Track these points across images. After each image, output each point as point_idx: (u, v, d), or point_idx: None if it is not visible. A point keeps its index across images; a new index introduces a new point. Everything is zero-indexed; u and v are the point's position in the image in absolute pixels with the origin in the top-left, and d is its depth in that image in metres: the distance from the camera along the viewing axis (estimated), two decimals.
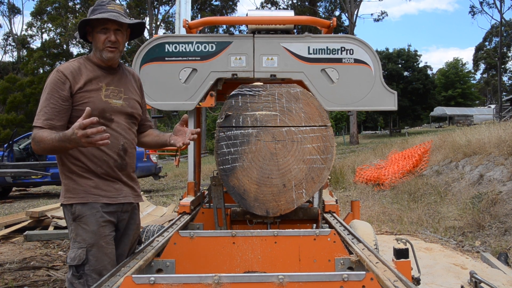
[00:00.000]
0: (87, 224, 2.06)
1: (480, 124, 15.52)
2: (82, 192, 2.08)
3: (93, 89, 2.12)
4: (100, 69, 2.19)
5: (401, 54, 43.18)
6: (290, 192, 2.58)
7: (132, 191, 2.27)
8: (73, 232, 2.08)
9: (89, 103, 2.07)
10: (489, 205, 6.22)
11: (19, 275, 4.42)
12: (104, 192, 2.11)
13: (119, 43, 2.18)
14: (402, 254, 1.97)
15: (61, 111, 2.06)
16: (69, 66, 2.12)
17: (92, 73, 2.15)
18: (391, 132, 42.33)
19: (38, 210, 6.72)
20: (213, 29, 32.17)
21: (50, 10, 36.10)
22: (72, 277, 2.03)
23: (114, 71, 2.24)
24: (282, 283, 1.64)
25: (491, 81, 62.39)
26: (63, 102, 2.06)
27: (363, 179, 10.33)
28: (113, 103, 2.17)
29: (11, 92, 32.79)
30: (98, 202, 2.09)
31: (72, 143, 1.86)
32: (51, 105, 2.04)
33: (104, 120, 2.11)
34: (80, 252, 2.02)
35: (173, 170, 16.95)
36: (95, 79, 2.15)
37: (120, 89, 2.23)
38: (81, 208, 2.06)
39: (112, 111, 2.16)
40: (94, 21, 2.13)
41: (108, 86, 2.17)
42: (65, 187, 2.13)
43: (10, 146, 11.08)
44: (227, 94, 2.76)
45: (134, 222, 2.31)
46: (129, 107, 2.25)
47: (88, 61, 2.19)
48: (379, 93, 3.40)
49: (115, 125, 2.17)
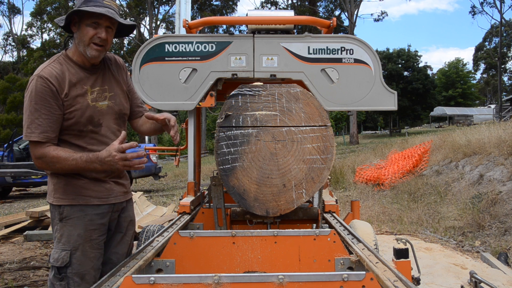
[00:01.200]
0: (73, 227, 2.00)
1: (480, 124, 15.52)
2: (71, 194, 2.01)
3: (78, 94, 1.99)
4: (83, 70, 2.05)
5: (401, 54, 43.21)
6: (290, 192, 2.58)
7: (123, 188, 2.21)
8: (58, 232, 2.01)
9: (77, 110, 1.98)
10: (489, 205, 6.22)
11: (19, 275, 4.42)
12: (95, 192, 2.06)
13: (107, 42, 2.05)
14: (402, 254, 1.97)
15: (54, 122, 1.93)
16: (52, 71, 1.96)
17: (75, 76, 2.01)
18: (391, 132, 42.35)
19: (38, 210, 6.72)
20: (213, 29, 32.19)
21: (50, 10, 36.11)
22: (54, 278, 1.99)
23: (96, 69, 2.11)
24: (282, 283, 1.64)
25: (491, 81, 62.39)
26: (55, 111, 1.92)
27: (363, 179, 10.32)
28: (100, 106, 2.06)
29: (11, 92, 32.77)
30: (89, 204, 2.03)
31: (104, 165, 1.86)
32: (44, 116, 1.90)
33: (92, 126, 2.03)
34: (63, 254, 1.97)
35: (173, 170, 16.96)
36: (79, 83, 2.01)
37: (105, 88, 2.11)
38: (70, 210, 2.00)
39: (100, 115, 2.06)
40: (86, 13, 1.97)
41: (93, 88, 2.06)
42: (53, 186, 2.04)
43: (10, 146, 11.09)
44: (227, 94, 2.75)
45: (126, 220, 2.27)
46: (116, 105, 2.15)
47: (69, 61, 2.04)
48: (379, 93, 3.39)
49: (104, 130, 2.08)
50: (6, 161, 10.77)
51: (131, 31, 2.29)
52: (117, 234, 2.22)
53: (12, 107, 31.90)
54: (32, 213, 6.57)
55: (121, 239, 2.24)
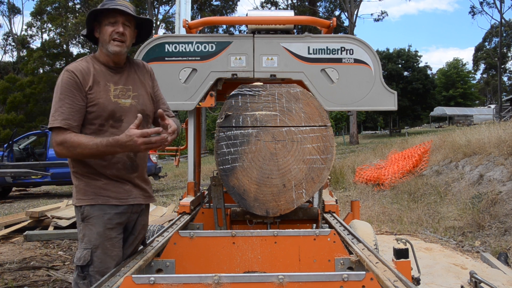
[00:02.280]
0: (93, 225, 2.06)
1: (480, 124, 15.52)
2: (91, 194, 2.08)
3: (101, 90, 2.09)
4: (108, 69, 2.16)
5: (401, 54, 43.20)
6: (290, 192, 2.58)
7: (143, 192, 2.25)
8: (81, 232, 2.09)
9: (99, 104, 2.06)
10: (489, 205, 6.22)
11: (19, 275, 4.42)
12: (114, 193, 2.11)
13: (127, 37, 2.13)
14: (402, 254, 1.98)
15: (77, 111, 2.02)
16: (78, 65, 2.09)
17: (99, 73, 2.12)
18: (391, 132, 42.34)
19: (38, 210, 6.72)
20: (213, 29, 32.18)
21: (50, 10, 36.07)
22: (77, 277, 2.04)
23: (121, 69, 2.21)
24: (282, 283, 1.64)
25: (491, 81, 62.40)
26: (78, 102, 2.03)
27: (363, 179, 10.33)
28: (122, 103, 2.14)
29: (11, 92, 32.78)
30: (107, 204, 2.09)
31: (126, 148, 1.96)
32: (67, 105, 2.01)
33: (113, 121, 2.10)
34: (85, 253, 2.03)
35: (173, 170, 16.96)
36: (103, 79, 2.12)
37: (129, 87, 2.19)
38: (89, 209, 2.07)
39: (122, 112, 2.13)
40: (103, 16, 2.10)
41: (116, 86, 2.15)
42: (76, 189, 2.12)
43: (10, 146, 11.08)
44: (227, 94, 2.75)
45: (141, 223, 2.30)
46: (139, 105, 2.21)
47: (95, 60, 2.16)
48: (379, 93, 3.40)
49: (125, 127, 2.11)
50: (6, 161, 10.76)
51: (149, 31, 2.38)
52: (131, 236, 2.26)
53: (12, 107, 31.91)
54: (32, 213, 6.56)
55: (132, 242, 2.27)
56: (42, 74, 34.80)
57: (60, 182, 11.80)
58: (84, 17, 33.01)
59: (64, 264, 4.85)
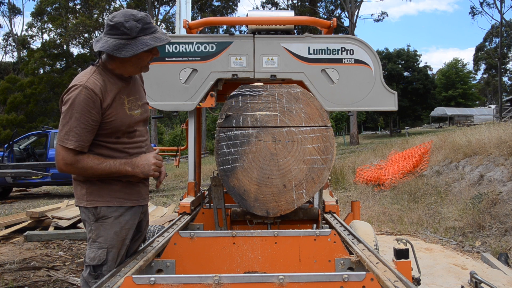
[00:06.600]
0: (110, 226, 2.09)
1: (480, 125, 15.52)
2: (107, 196, 2.10)
3: (118, 104, 2.10)
4: (121, 80, 2.15)
5: (401, 54, 43.22)
6: (290, 193, 2.58)
7: (148, 190, 2.33)
8: (93, 232, 2.09)
9: (117, 120, 2.08)
10: (489, 206, 6.22)
11: (19, 276, 4.42)
12: (128, 195, 2.15)
13: None
14: (403, 254, 1.98)
15: (90, 131, 2.01)
16: (96, 82, 2.03)
17: (115, 86, 2.11)
18: (391, 132, 42.35)
19: (38, 210, 6.72)
20: (213, 29, 32.19)
21: (50, 11, 36.11)
22: (89, 276, 2.05)
23: (129, 78, 2.22)
24: (282, 283, 1.64)
25: (491, 81, 62.38)
26: (93, 122, 2.00)
27: (363, 180, 10.32)
28: (135, 114, 2.18)
29: (11, 92, 32.80)
30: (124, 206, 2.13)
31: (136, 168, 2.08)
32: (82, 125, 1.97)
33: (128, 134, 2.14)
34: (100, 253, 2.05)
35: (173, 170, 16.96)
36: (119, 93, 2.12)
37: (136, 97, 2.23)
38: (106, 210, 2.09)
39: (134, 122, 2.17)
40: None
41: (128, 97, 2.17)
42: (86, 190, 2.10)
43: (10, 147, 11.08)
44: (227, 95, 2.75)
45: (145, 220, 2.39)
46: (145, 112, 2.27)
47: (108, 73, 2.11)
48: (379, 94, 3.40)
49: (137, 135, 2.20)
50: (6, 161, 10.76)
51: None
52: (138, 233, 2.32)
53: (12, 107, 31.93)
54: (32, 213, 6.56)
55: (138, 238, 2.34)
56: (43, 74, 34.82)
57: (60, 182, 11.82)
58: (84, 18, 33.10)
59: (65, 265, 4.85)
